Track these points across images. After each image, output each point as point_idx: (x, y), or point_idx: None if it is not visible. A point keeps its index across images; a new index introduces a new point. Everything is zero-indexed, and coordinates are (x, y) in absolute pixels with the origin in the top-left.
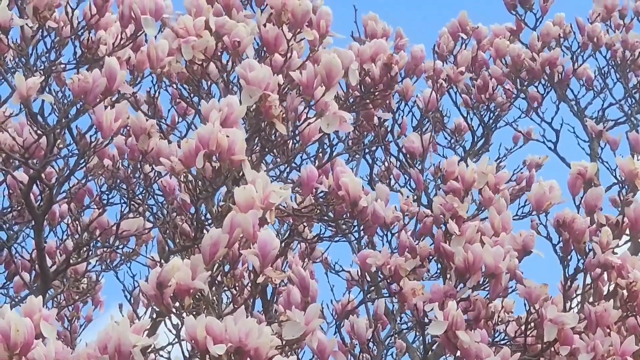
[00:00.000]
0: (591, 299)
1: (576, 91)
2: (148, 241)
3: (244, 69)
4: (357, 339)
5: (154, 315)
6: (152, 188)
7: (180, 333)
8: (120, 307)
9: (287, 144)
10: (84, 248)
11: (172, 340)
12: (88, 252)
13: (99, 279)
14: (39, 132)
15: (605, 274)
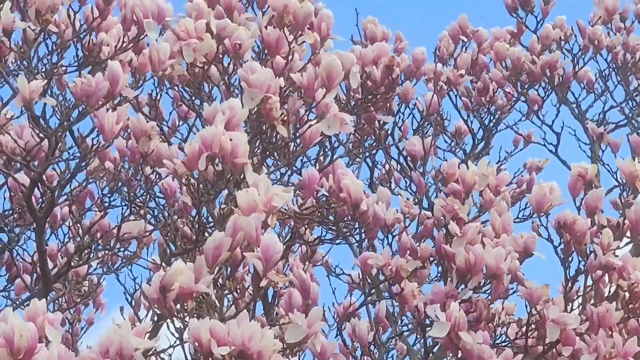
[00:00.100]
0: (592, 301)
1: (577, 94)
2: (149, 244)
3: (246, 71)
4: (358, 342)
5: (155, 318)
6: (153, 191)
7: (182, 336)
8: (122, 310)
9: (289, 146)
10: (85, 251)
11: (174, 343)
12: (89, 254)
13: (100, 282)
14: (41, 135)
15: (607, 275)
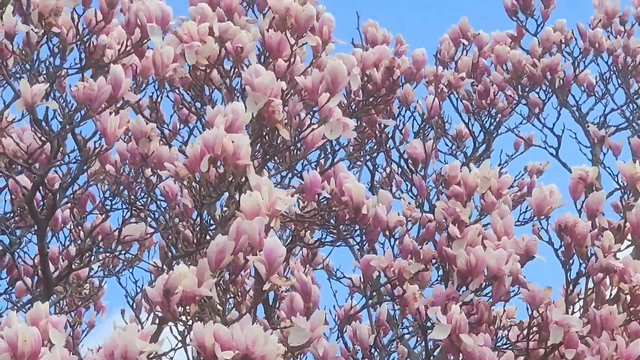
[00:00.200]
0: (593, 304)
1: (577, 97)
2: (150, 247)
3: (250, 74)
4: (359, 345)
5: (157, 321)
6: (154, 193)
7: (185, 339)
8: (123, 313)
9: (290, 150)
10: (87, 253)
11: (175, 346)
12: (90, 257)
13: (102, 285)
14: (43, 138)
15: (608, 278)
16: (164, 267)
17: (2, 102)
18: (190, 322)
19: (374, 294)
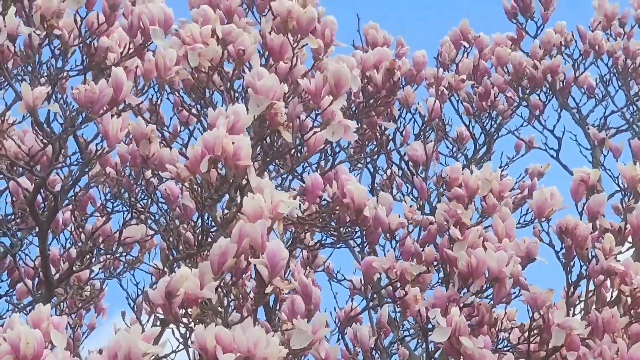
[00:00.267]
0: (594, 306)
1: (578, 99)
2: (151, 249)
3: (253, 77)
4: (360, 347)
5: (158, 323)
6: (155, 195)
7: (187, 342)
8: (123, 315)
9: (291, 152)
10: (87, 256)
11: (176, 348)
12: (91, 259)
13: (103, 287)
14: (44, 141)
15: (609, 280)
16: (165, 269)
17: (4, 104)
18: (192, 325)
19: (375, 296)
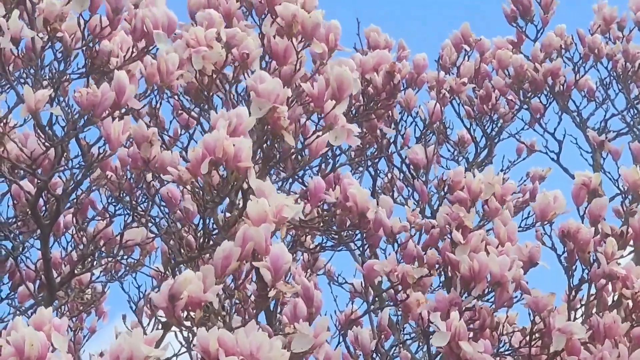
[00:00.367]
0: (594, 310)
1: (578, 102)
2: (151, 251)
3: (255, 80)
4: (361, 350)
5: (159, 327)
6: (158, 197)
7: (190, 345)
8: (124, 318)
9: (292, 156)
10: (89, 259)
11: (178, 351)
12: (92, 262)
13: (105, 290)
14: (46, 144)
15: (610, 284)
16: (167, 272)
17: (6, 106)
18: (194, 328)
19: (376, 299)
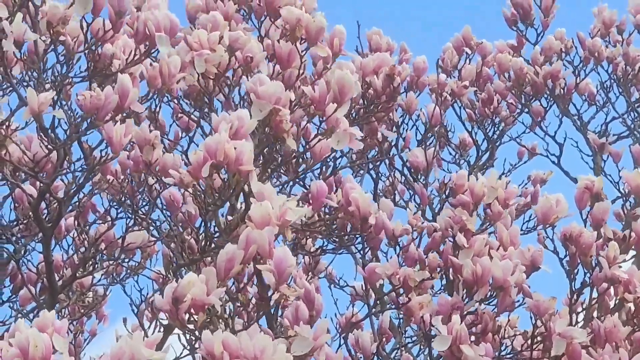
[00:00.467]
0: (595, 313)
1: (579, 106)
2: (152, 254)
3: (254, 83)
4: (361, 353)
5: (160, 330)
6: (160, 199)
7: (193, 347)
8: (125, 321)
9: (292, 160)
10: (90, 261)
11: (180, 354)
12: (94, 265)
13: (107, 293)
14: (49, 147)
15: (612, 288)
16: (168, 275)
17: (9, 109)
18: (197, 331)
19: (378, 302)
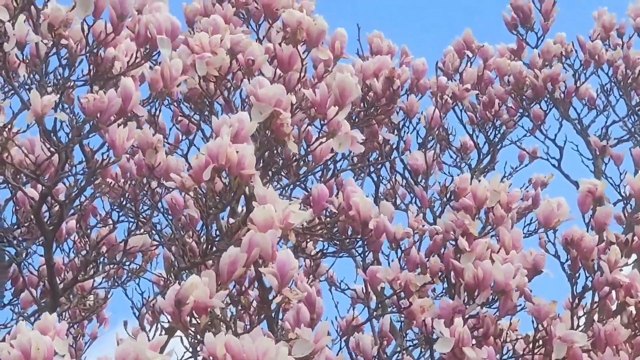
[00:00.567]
0: (596, 317)
1: (579, 109)
2: (153, 257)
3: (254, 86)
4: (362, 356)
5: (163, 332)
6: (161, 203)
7: (196, 350)
8: (126, 325)
9: (295, 162)
10: (91, 265)
11: (182, 357)
12: (95, 268)
13: (108, 296)
14: (51, 150)
15: (614, 292)
16: (169, 278)
17: (11, 112)
18: (199, 333)
19: (379, 305)
